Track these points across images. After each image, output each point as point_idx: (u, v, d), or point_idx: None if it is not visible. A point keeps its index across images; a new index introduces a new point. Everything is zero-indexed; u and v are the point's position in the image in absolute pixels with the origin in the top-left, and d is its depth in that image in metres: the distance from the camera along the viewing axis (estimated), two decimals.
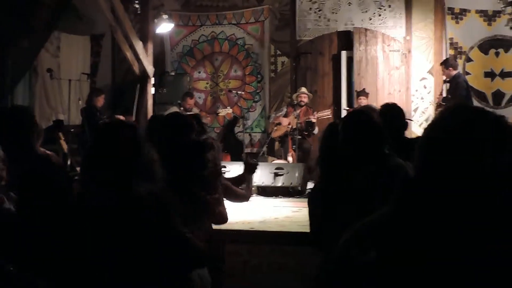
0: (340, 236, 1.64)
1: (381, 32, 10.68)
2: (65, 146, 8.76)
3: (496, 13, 10.10)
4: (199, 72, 11.85)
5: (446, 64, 9.37)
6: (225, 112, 10.25)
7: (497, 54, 10.40)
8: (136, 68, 9.56)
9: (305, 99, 9.93)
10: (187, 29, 11.86)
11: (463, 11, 10.47)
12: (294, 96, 10.13)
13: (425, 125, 10.33)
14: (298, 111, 9.70)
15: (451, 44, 10.49)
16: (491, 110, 1.56)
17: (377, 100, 10.42)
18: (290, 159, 9.37)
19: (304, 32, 11.06)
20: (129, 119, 9.49)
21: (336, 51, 10.88)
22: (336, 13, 10.97)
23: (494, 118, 1.48)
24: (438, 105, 9.68)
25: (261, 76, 11.53)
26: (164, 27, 9.88)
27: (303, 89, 10.11)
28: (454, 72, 9.24)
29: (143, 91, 9.62)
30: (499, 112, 10.03)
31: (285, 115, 9.98)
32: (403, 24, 10.72)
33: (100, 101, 9.91)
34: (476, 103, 9.70)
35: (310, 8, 11.04)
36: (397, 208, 1.52)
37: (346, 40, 10.78)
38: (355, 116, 3.42)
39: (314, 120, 9.61)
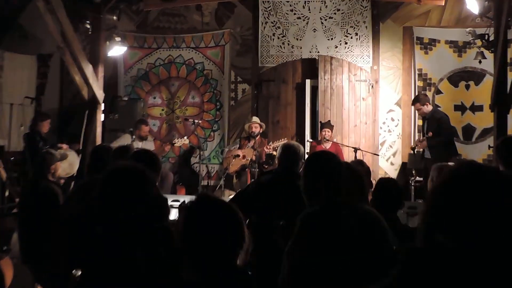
0: None
1: (347, 61, 10.80)
2: (3, 175, 8.56)
3: (467, 45, 10.27)
4: (154, 98, 11.81)
5: (421, 100, 9.35)
6: (181, 142, 10.17)
7: (467, 87, 10.63)
8: (85, 92, 9.41)
9: (257, 129, 9.92)
10: (143, 52, 11.85)
11: (433, 42, 10.71)
12: (246, 126, 10.12)
13: (392, 159, 10.42)
14: (252, 143, 9.77)
15: (419, 75, 10.71)
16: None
17: (342, 132, 10.52)
18: None
19: (267, 58, 11.15)
20: (75, 148, 9.36)
21: (300, 79, 10.94)
22: (300, 39, 11.10)
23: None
24: (419, 142, 9.65)
25: (220, 103, 11.55)
26: (117, 50, 9.77)
27: (255, 119, 10.11)
28: (431, 108, 9.31)
29: (91, 117, 9.46)
30: (469, 147, 10.28)
31: (240, 148, 10.01)
32: (370, 53, 10.89)
33: (45, 126, 9.76)
34: None
35: (274, 34, 11.14)
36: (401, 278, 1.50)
37: (311, 68, 10.88)
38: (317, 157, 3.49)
39: (274, 153, 9.61)
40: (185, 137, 10.50)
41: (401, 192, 4.27)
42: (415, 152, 9.47)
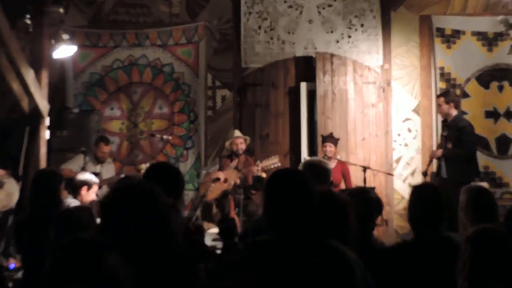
0: None
1: (351, 59, 10.82)
2: None
3: (498, 36, 10.45)
4: (112, 109, 11.72)
5: (447, 97, 9.36)
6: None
7: (500, 88, 10.63)
8: (24, 104, 9.28)
9: (242, 145, 9.89)
10: (96, 52, 11.77)
11: (456, 33, 10.72)
12: (227, 143, 10.11)
13: (410, 180, 10.35)
14: (235, 163, 9.76)
15: (441, 74, 10.71)
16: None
17: (348, 147, 10.57)
18: None
19: (252, 57, 11.15)
20: (10, 173, 9.17)
21: (294, 82, 10.96)
22: (293, 33, 11.11)
23: None
24: (434, 152, 9.54)
25: (195, 114, 11.50)
26: (64, 50, 9.68)
27: (237, 133, 10.11)
28: (454, 112, 9.24)
29: (34, 134, 9.35)
30: (505, 162, 10.22)
31: (220, 169, 9.97)
32: (380, 48, 10.90)
33: None
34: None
35: (260, 27, 11.14)
36: None
37: (307, 68, 10.88)
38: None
39: (264, 175, 9.57)
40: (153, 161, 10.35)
41: (442, 203, 4.21)
42: (428, 176, 9.40)
